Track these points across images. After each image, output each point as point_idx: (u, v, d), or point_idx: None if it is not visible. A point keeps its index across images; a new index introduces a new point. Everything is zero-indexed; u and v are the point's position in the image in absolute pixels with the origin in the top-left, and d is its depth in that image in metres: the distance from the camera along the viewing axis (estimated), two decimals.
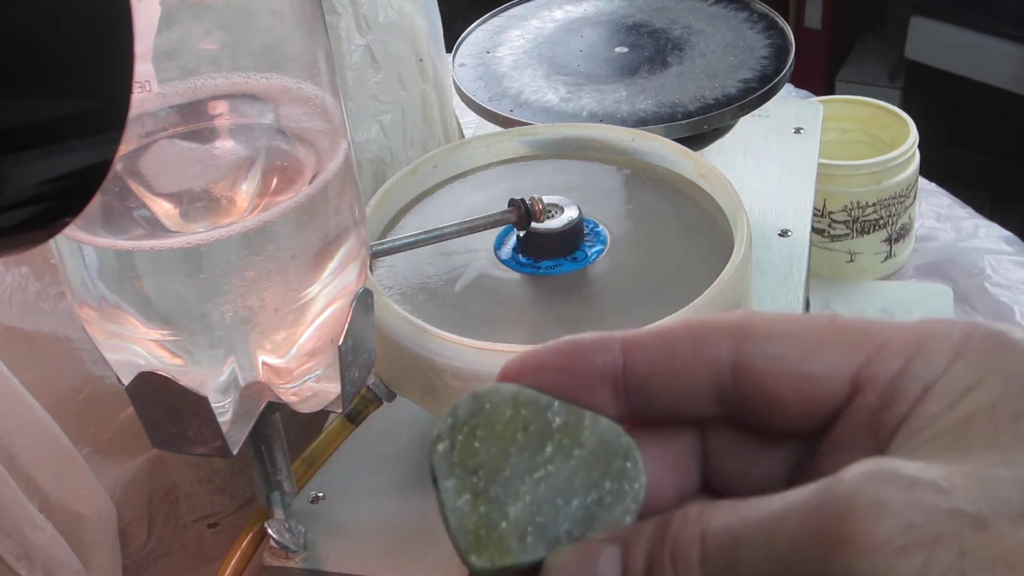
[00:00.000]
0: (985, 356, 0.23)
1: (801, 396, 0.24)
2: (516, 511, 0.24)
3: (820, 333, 0.24)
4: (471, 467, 0.24)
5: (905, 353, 0.23)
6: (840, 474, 0.21)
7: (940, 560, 0.19)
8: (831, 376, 0.24)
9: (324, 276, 0.40)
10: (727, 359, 0.24)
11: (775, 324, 0.24)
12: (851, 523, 0.20)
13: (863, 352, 0.24)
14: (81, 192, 0.23)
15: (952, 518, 0.20)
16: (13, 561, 0.48)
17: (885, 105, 0.87)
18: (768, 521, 0.21)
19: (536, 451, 0.24)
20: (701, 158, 0.58)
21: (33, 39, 0.21)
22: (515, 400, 0.25)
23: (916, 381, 0.23)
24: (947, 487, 0.20)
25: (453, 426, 0.25)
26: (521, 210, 0.54)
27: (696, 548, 0.22)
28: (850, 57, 2.11)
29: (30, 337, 0.51)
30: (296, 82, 0.40)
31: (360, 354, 0.43)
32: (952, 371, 0.23)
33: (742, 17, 0.77)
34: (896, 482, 0.20)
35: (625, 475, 0.25)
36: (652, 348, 0.25)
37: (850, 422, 0.24)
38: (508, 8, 0.82)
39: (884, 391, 0.23)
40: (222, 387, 0.40)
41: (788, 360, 0.24)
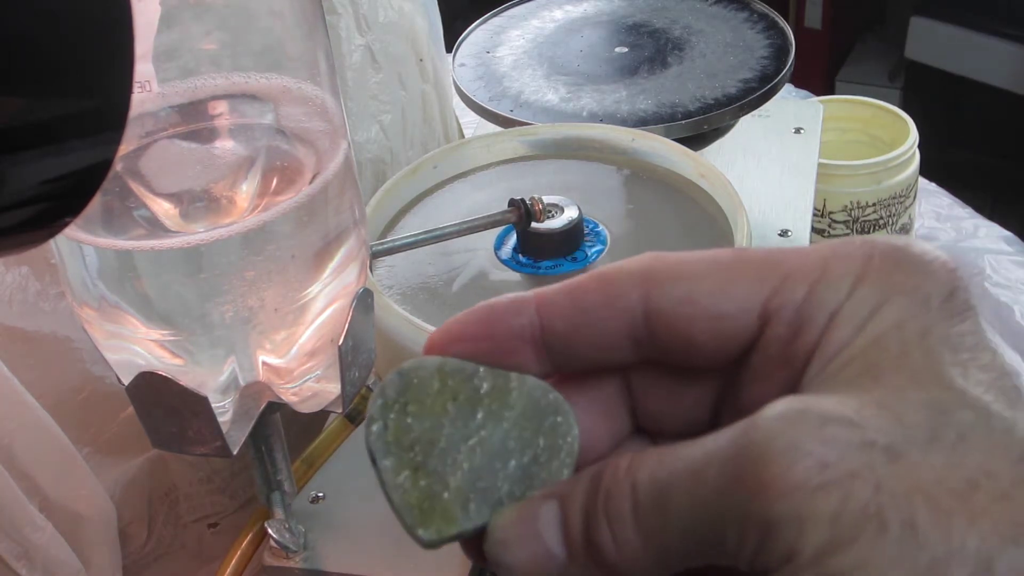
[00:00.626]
0: (887, 275, 0.23)
1: (713, 334, 0.24)
2: (456, 480, 0.24)
3: (726, 269, 0.24)
4: (406, 444, 0.25)
5: (808, 281, 0.23)
6: (755, 417, 0.21)
7: (856, 496, 0.20)
8: (740, 312, 0.24)
9: (324, 276, 0.40)
10: (637, 306, 0.24)
11: (681, 265, 0.24)
12: (767, 467, 0.20)
13: (768, 284, 0.24)
14: (81, 192, 0.23)
15: (866, 452, 0.20)
16: (13, 561, 0.48)
17: (885, 105, 0.87)
18: (691, 470, 0.22)
19: (468, 419, 0.25)
20: (701, 158, 0.58)
21: (33, 39, 0.21)
22: (441, 371, 0.25)
23: (821, 309, 0.23)
24: (859, 420, 0.21)
25: (384, 406, 0.25)
26: (521, 210, 0.54)
27: (627, 502, 0.22)
28: (850, 57, 2.11)
29: (30, 337, 0.51)
30: (296, 82, 0.40)
31: (360, 354, 0.43)
32: (856, 295, 0.23)
33: (742, 17, 0.77)
34: (809, 421, 0.21)
35: (557, 430, 0.25)
36: (564, 304, 0.25)
37: (764, 353, 0.24)
38: (508, 8, 0.82)
39: (792, 321, 0.23)
40: (222, 387, 0.40)
41: (696, 301, 0.24)
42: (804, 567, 0.20)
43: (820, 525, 0.20)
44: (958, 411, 0.21)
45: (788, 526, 0.20)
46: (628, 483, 0.22)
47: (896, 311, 0.22)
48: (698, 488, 0.21)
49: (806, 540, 0.20)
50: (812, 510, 0.20)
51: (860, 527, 0.20)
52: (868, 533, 0.19)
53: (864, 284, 0.23)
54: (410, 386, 0.25)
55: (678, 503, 0.22)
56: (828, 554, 0.20)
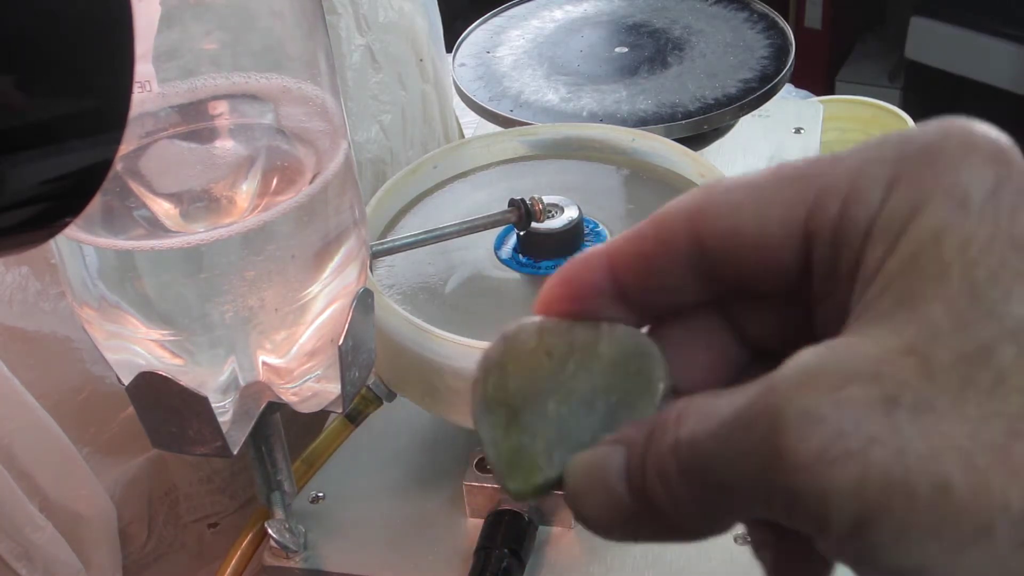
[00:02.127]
0: (920, 175, 0.20)
1: (764, 264, 0.23)
2: (545, 431, 0.25)
3: (763, 195, 0.23)
4: (503, 400, 0.25)
5: (840, 194, 0.21)
6: (772, 378, 0.20)
7: (878, 464, 0.18)
8: (783, 236, 0.22)
9: (324, 276, 0.40)
10: (691, 247, 0.23)
11: (724, 196, 0.23)
12: (783, 437, 0.19)
13: (804, 204, 0.22)
14: (81, 192, 0.23)
15: (887, 411, 0.18)
16: (13, 561, 0.48)
17: (885, 105, 0.87)
18: (722, 432, 0.21)
19: (559, 371, 0.25)
20: (701, 158, 0.58)
21: (33, 39, 0.21)
22: (539, 330, 0.26)
23: (856, 226, 0.21)
24: (881, 373, 0.19)
25: (486, 368, 0.26)
26: (521, 210, 0.54)
27: (672, 458, 0.22)
28: (850, 57, 2.11)
29: (30, 337, 0.51)
30: (296, 82, 0.40)
31: (360, 354, 0.43)
32: (889, 204, 0.21)
33: (742, 17, 0.77)
34: (825, 381, 0.19)
35: (642, 372, 0.25)
36: (628, 253, 0.24)
37: (818, 275, 0.22)
38: (508, 8, 0.82)
39: (831, 242, 0.22)
40: (222, 387, 0.40)
41: (739, 233, 0.23)
42: (842, 540, 0.19)
43: (844, 499, 0.18)
44: (998, 345, 0.19)
45: (811, 501, 0.19)
46: (673, 439, 0.22)
47: (931, 219, 0.20)
48: (728, 451, 0.20)
49: (834, 515, 0.19)
50: (832, 483, 0.18)
51: (888, 496, 0.18)
52: (897, 501, 0.18)
53: (897, 190, 0.21)
54: (510, 347, 0.26)
55: (714, 465, 0.21)
56: (862, 527, 0.18)
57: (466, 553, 0.48)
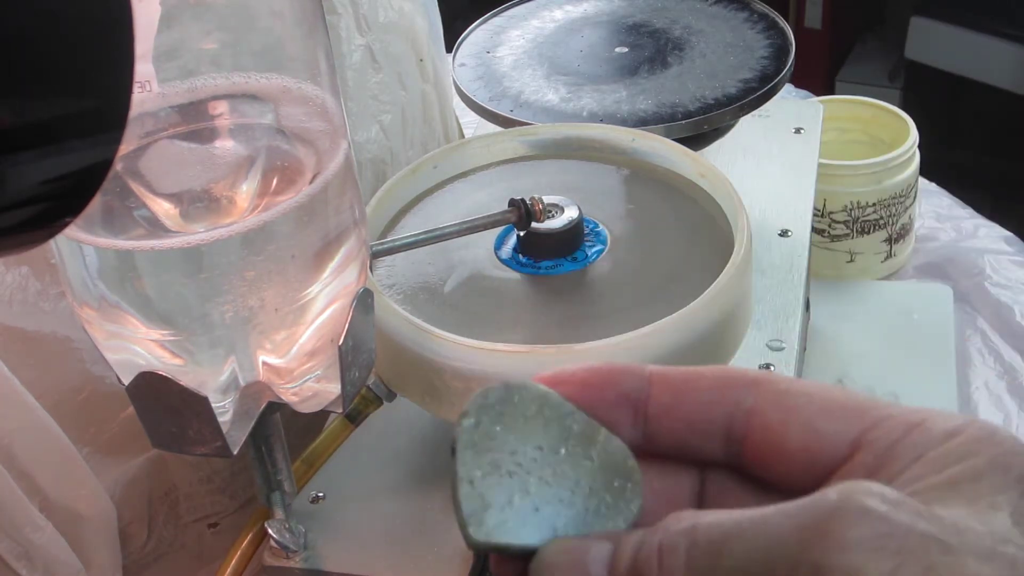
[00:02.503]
0: (978, 441, 0.24)
1: (805, 449, 0.25)
2: (521, 497, 0.26)
3: (831, 397, 0.26)
4: (488, 447, 0.26)
5: (907, 426, 0.25)
6: (833, 484, 0.23)
7: (908, 569, 0.21)
8: (836, 435, 0.25)
9: (324, 276, 0.40)
10: (744, 404, 0.26)
11: (792, 383, 0.26)
12: (834, 522, 0.21)
13: (869, 419, 0.25)
14: (81, 192, 0.23)
15: (925, 538, 0.21)
16: (13, 561, 0.48)
17: (885, 105, 0.87)
18: (757, 519, 0.23)
19: (551, 450, 0.26)
20: (701, 158, 0.58)
21: (33, 39, 0.21)
22: (542, 399, 0.27)
23: (912, 450, 0.24)
24: (925, 515, 0.22)
25: (482, 406, 0.26)
26: (521, 210, 0.54)
27: (684, 540, 0.23)
28: (850, 57, 2.11)
29: (30, 337, 0.51)
30: (296, 82, 0.40)
31: (360, 354, 0.43)
32: (946, 446, 0.24)
33: (742, 17, 0.77)
34: (882, 497, 0.22)
35: (624, 494, 0.26)
36: (678, 380, 0.27)
37: (843, 479, 0.25)
38: (508, 8, 0.82)
39: (882, 454, 0.25)
40: (222, 387, 0.40)
41: (799, 414, 0.26)
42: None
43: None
44: (1005, 547, 0.22)
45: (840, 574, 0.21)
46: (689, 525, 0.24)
47: (978, 468, 0.23)
48: (758, 535, 0.22)
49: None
50: (864, 569, 0.21)
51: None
52: None
53: (956, 440, 0.24)
54: (511, 400, 0.26)
55: (735, 546, 0.23)
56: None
57: (466, 553, 0.48)
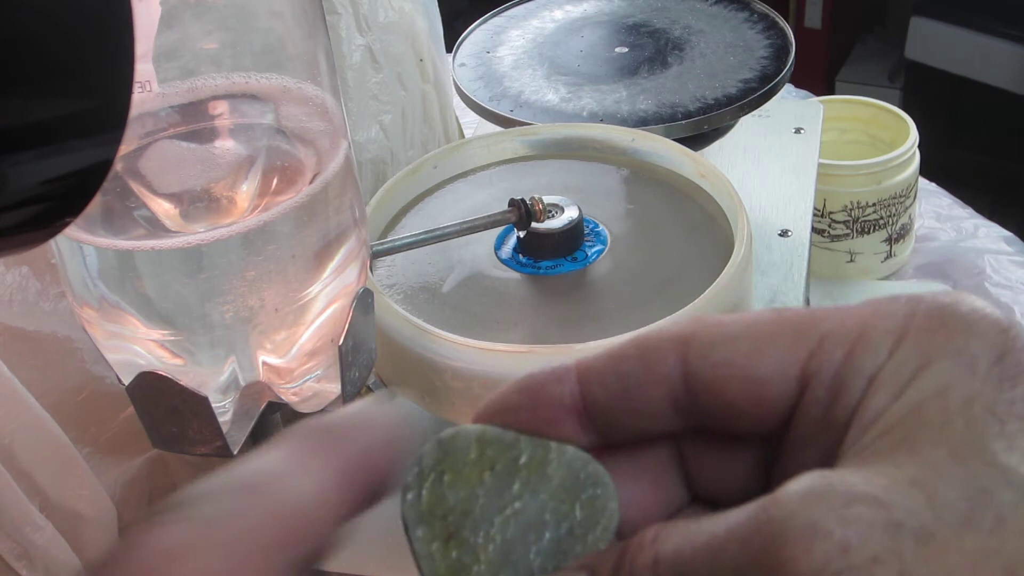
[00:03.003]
0: (930, 336, 0.22)
1: (751, 398, 0.23)
2: (488, 553, 0.24)
3: (763, 332, 0.23)
4: (440, 513, 0.24)
5: (846, 342, 0.22)
6: (776, 494, 0.20)
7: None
8: (777, 375, 0.23)
9: (324, 276, 0.40)
10: (676, 372, 0.24)
11: (719, 328, 0.24)
12: (784, 549, 0.19)
13: (806, 346, 0.23)
14: (81, 192, 0.23)
15: (892, 535, 0.19)
16: (13, 561, 0.48)
17: (885, 105, 0.87)
18: (712, 547, 0.21)
19: (503, 489, 0.24)
20: (701, 158, 0.58)
21: (34, 39, 0.21)
22: (480, 440, 0.24)
23: (860, 372, 0.22)
24: (887, 499, 0.19)
25: (420, 474, 0.24)
26: (521, 210, 0.54)
27: (650, 574, 0.22)
28: (850, 57, 2.11)
29: (30, 337, 0.51)
30: (296, 82, 0.40)
31: (360, 354, 0.43)
32: (896, 357, 0.22)
33: (742, 17, 0.77)
34: (832, 500, 0.20)
35: (595, 502, 0.25)
36: (604, 372, 0.24)
37: (805, 418, 0.23)
38: (508, 8, 0.82)
39: (830, 385, 0.22)
40: (222, 387, 0.40)
41: (733, 365, 0.23)
42: None
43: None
44: (999, 491, 0.19)
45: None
46: (651, 556, 0.22)
47: (939, 376, 0.21)
48: (717, 566, 0.21)
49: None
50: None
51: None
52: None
53: (905, 345, 0.22)
54: (447, 455, 0.24)
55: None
56: None
57: None
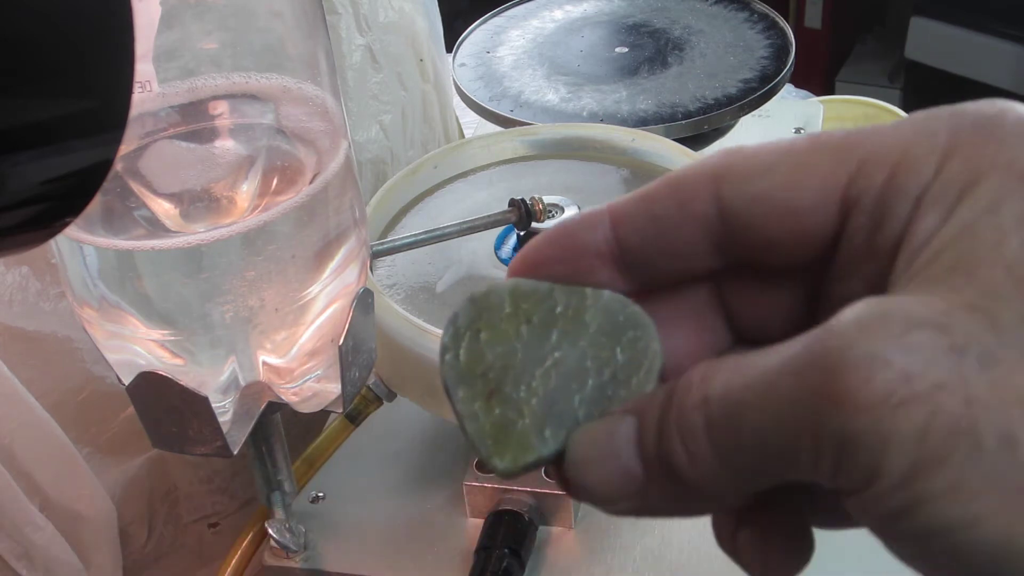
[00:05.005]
0: (978, 149, 0.20)
1: (792, 232, 0.22)
2: (531, 406, 0.23)
3: (799, 160, 0.22)
4: (480, 371, 0.24)
5: (889, 163, 0.21)
6: (830, 323, 0.19)
7: (946, 410, 0.18)
8: (817, 204, 0.22)
9: (324, 276, 0.40)
10: (711, 208, 0.22)
11: (754, 159, 0.22)
12: (843, 379, 0.18)
13: (844, 171, 0.21)
14: (82, 192, 0.23)
15: (955, 360, 0.18)
16: (13, 561, 0.48)
17: (885, 105, 0.87)
18: (765, 381, 0.20)
19: (542, 341, 0.24)
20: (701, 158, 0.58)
21: (34, 39, 0.21)
22: (513, 294, 0.24)
23: (905, 193, 0.21)
24: (948, 324, 0.18)
25: (455, 334, 0.24)
26: (521, 210, 0.54)
27: (700, 414, 0.21)
28: (850, 57, 2.11)
29: (31, 337, 0.51)
30: (296, 82, 0.40)
31: (360, 354, 0.43)
32: (943, 175, 0.20)
33: (742, 17, 0.77)
34: (890, 327, 0.18)
35: (636, 345, 0.24)
36: (637, 215, 0.23)
37: (849, 246, 0.22)
38: (508, 8, 0.82)
39: (873, 210, 0.21)
40: (223, 387, 0.40)
41: (770, 197, 0.22)
42: (890, 490, 0.18)
43: (905, 444, 0.18)
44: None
45: (869, 445, 0.18)
46: (700, 396, 0.21)
47: (990, 191, 0.20)
48: (771, 401, 0.19)
49: (890, 461, 0.18)
50: (895, 427, 0.18)
51: (951, 444, 0.18)
52: (961, 451, 0.18)
53: (952, 161, 0.20)
54: (482, 312, 0.24)
55: (751, 417, 0.20)
56: (916, 476, 0.18)
57: (466, 553, 0.48)
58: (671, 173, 0.23)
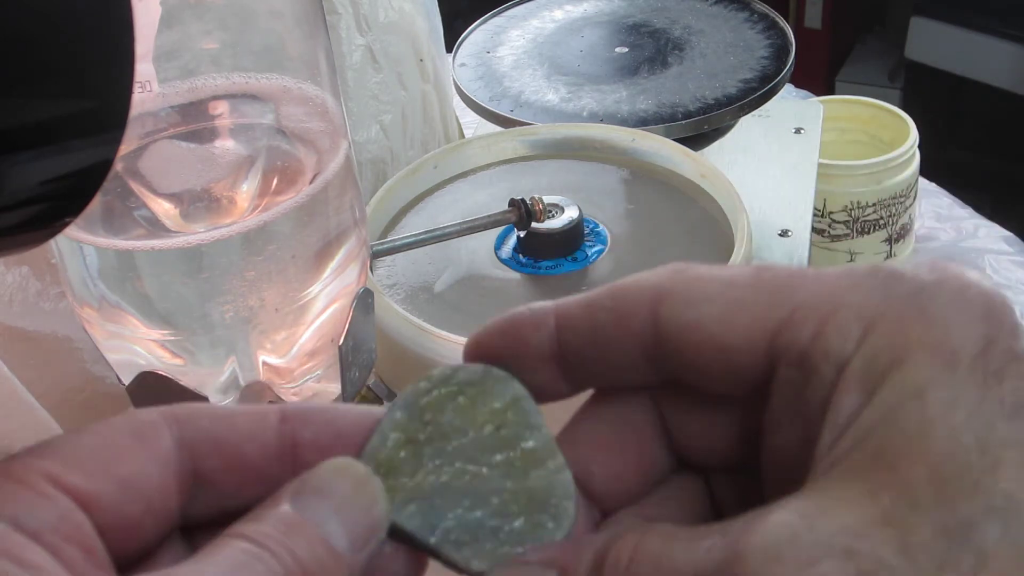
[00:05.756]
0: (904, 324, 0.19)
1: (721, 366, 0.22)
2: (424, 479, 0.23)
3: (738, 294, 0.21)
4: (427, 419, 0.24)
5: (816, 320, 0.20)
6: (742, 542, 0.19)
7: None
8: (746, 346, 0.21)
9: (324, 276, 0.40)
10: (647, 328, 0.22)
11: (696, 284, 0.22)
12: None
13: (776, 317, 0.21)
14: (82, 192, 0.23)
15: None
16: None
17: (885, 105, 0.87)
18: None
19: (488, 451, 0.24)
20: (701, 158, 0.58)
21: (34, 39, 0.21)
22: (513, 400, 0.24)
23: (828, 360, 0.20)
24: (856, 549, 0.18)
25: (446, 379, 0.25)
26: (521, 210, 0.54)
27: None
28: (850, 57, 2.11)
29: (31, 337, 0.51)
30: (296, 82, 0.40)
31: (360, 354, 0.43)
32: (865, 348, 0.20)
33: (742, 17, 0.77)
34: (798, 555, 0.18)
35: (559, 507, 0.24)
36: (579, 319, 0.23)
37: (781, 396, 0.21)
38: (508, 8, 0.82)
39: (800, 365, 0.21)
40: (223, 387, 0.40)
41: (703, 329, 0.21)
42: None
43: None
44: (982, 522, 0.18)
45: None
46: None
47: (915, 374, 0.19)
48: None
49: None
50: None
51: None
52: None
53: (875, 333, 0.20)
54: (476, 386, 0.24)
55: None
56: None
57: None
58: (616, 283, 0.23)
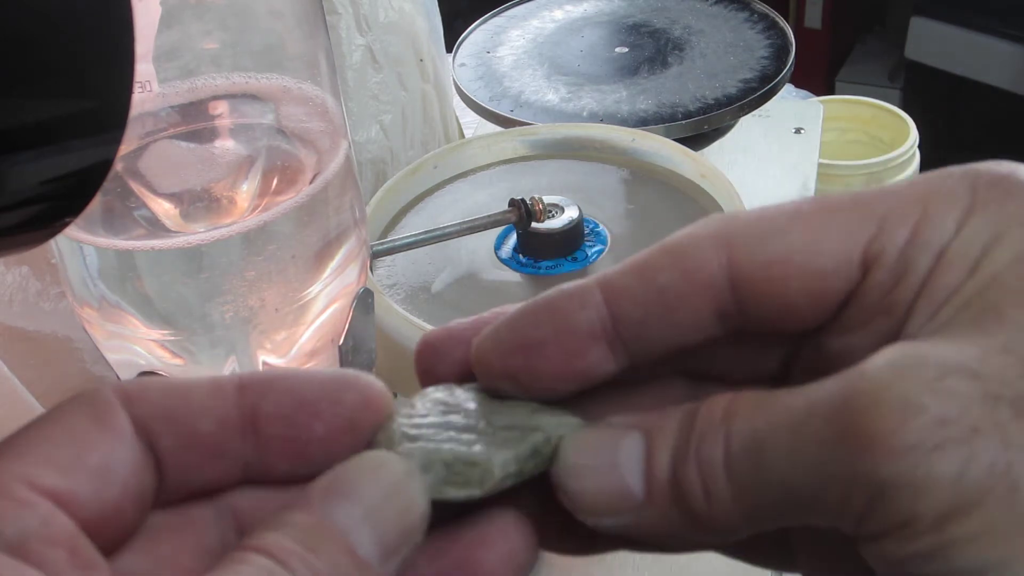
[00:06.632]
0: (997, 205, 0.21)
1: (811, 293, 0.21)
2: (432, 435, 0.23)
3: (813, 222, 0.22)
4: (413, 436, 0.24)
5: (910, 222, 0.21)
6: (863, 366, 0.19)
7: (982, 455, 0.18)
8: (839, 264, 0.21)
9: (325, 276, 0.40)
10: (721, 277, 0.22)
11: (760, 223, 0.22)
12: (877, 422, 0.18)
13: (866, 230, 0.21)
14: (82, 192, 0.23)
15: (991, 406, 0.18)
16: None
17: (885, 105, 0.88)
18: (791, 422, 0.19)
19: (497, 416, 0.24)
20: (701, 158, 0.58)
21: (33, 39, 0.21)
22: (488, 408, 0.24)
23: (927, 250, 0.21)
24: (982, 370, 0.18)
25: (448, 391, 0.25)
26: (521, 210, 0.54)
27: (721, 450, 0.20)
28: (850, 57, 2.11)
29: (31, 337, 0.51)
30: (296, 82, 0.40)
31: (360, 354, 0.43)
32: (965, 230, 0.21)
33: (742, 17, 0.77)
34: (925, 371, 0.18)
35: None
36: (636, 289, 0.22)
37: (861, 303, 0.22)
38: (508, 8, 0.82)
39: (894, 267, 0.21)
40: None
41: (788, 261, 0.21)
42: (922, 533, 0.18)
43: (941, 488, 0.18)
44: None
45: (903, 489, 0.18)
46: (723, 430, 0.20)
47: (1014, 244, 0.20)
48: (799, 442, 0.19)
49: (925, 505, 0.18)
50: (931, 472, 0.18)
51: (987, 488, 0.18)
52: (996, 494, 0.18)
53: (973, 218, 0.21)
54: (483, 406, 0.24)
55: (776, 457, 0.19)
56: (950, 519, 0.18)
57: None
58: (665, 242, 0.22)
